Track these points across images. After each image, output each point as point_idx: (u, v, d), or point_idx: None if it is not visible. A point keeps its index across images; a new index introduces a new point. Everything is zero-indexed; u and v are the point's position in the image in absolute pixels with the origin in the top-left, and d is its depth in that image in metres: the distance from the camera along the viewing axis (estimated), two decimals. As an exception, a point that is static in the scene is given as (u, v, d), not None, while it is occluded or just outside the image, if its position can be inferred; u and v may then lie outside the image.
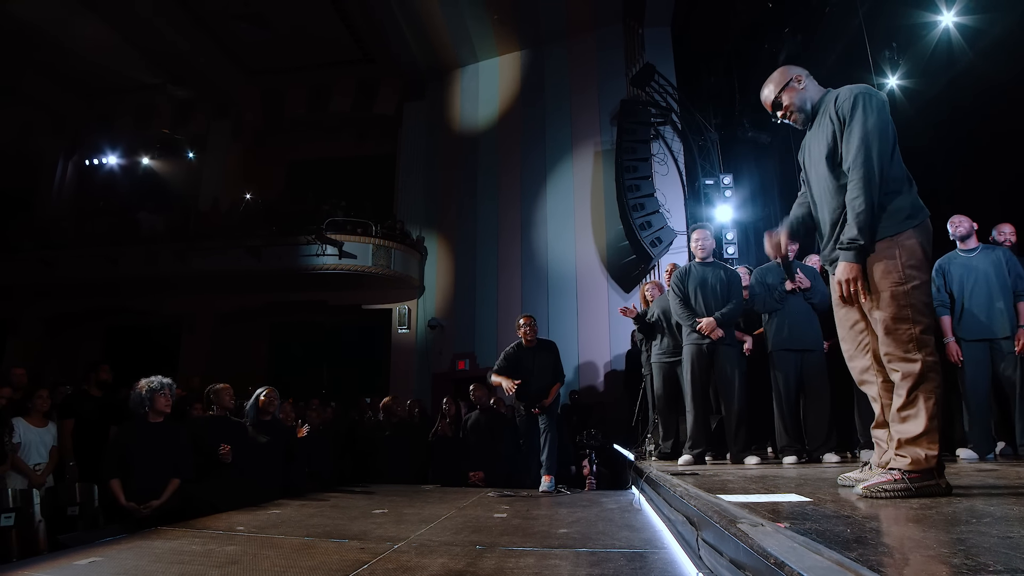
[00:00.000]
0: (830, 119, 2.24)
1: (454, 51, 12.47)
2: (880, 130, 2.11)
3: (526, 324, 5.20)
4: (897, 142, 2.19)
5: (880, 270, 2.09)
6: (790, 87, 2.41)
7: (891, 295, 2.06)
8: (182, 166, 13.80)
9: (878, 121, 2.12)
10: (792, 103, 2.41)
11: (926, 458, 1.99)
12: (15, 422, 4.54)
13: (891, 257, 2.07)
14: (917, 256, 2.07)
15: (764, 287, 4.45)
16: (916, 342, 2.03)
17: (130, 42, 12.34)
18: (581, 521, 3.21)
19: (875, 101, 2.16)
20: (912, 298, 2.04)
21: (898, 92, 6.45)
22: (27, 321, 12.41)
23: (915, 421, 2.02)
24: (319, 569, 2.19)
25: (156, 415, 3.95)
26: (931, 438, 1.99)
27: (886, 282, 2.07)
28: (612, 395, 9.76)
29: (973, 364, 4.05)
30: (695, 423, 4.23)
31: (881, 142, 2.09)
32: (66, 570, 2.29)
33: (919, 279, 2.05)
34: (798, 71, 2.44)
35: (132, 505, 3.57)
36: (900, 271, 2.05)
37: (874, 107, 2.13)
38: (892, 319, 2.06)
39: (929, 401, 2.00)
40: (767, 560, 1.17)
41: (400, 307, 11.69)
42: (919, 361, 2.02)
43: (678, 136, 10.68)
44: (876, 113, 2.13)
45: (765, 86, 2.47)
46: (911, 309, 2.04)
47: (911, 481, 1.97)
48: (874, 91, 2.21)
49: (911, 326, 2.03)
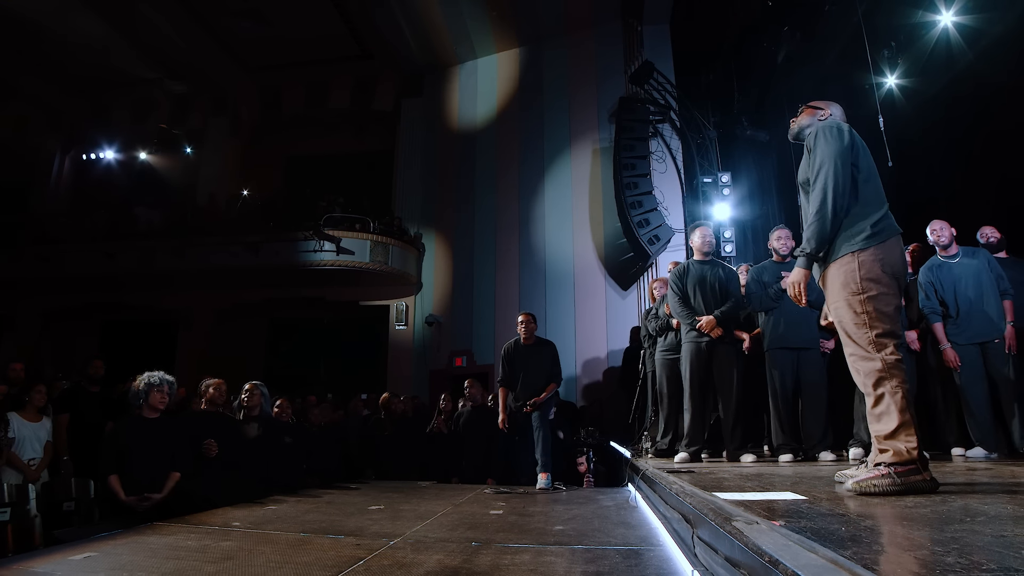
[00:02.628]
0: (806, 149, 2.50)
1: (452, 48, 12.44)
2: (836, 156, 2.34)
3: (524, 321, 5.26)
4: (873, 168, 2.40)
5: (840, 281, 2.31)
6: (812, 111, 2.66)
7: (848, 303, 2.27)
8: (179, 161, 13.76)
9: (835, 150, 2.35)
10: (799, 123, 2.68)
11: (907, 450, 2.08)
12: (9, 416, 4.53)
13: (851, 270, 2.28)
14: (875, 271, 2.25)
15: (760, 285, 4.45)
16: (874, 344, 2.21)
17: (128, 37, 12.28)
18: (577, 518, 3.22)
19: (834, 132, 2.39)
20: (868, 306, 2.23)
21: (897, 91, 6.45)
22: (23, 316, 12.37)
23: (887, 418, 2.14)
24: (315, 565, 2.19)
25: (151, 411, 3.94)
26: (907, 431, 2.10)
27: (845, 292, 2.29)
28: (609, 392, 9.77)
29: (968, 367, 4.08)
30: (692, 421, 4.24)
31: (836, 167, 2.33)
32: (61, 565, 2.29)
33: (876, 290, 2.24)
34: (836, 110, 2.64)
35: (133, 500, 3.57)
36: (857, 282, 2.26)
37: (832, 137, 2.38)
38: (851, 323, 2.26)
39: (896, 395, 2.13)
40: (762, 558, 1.18)
41: (398, 303, 11.68)
42: (879, 359, 2.18)
43: (676, 134, 10.66)
44: (835, 142, 2.36)
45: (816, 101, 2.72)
46: (867, 316, 2.23)
47: (897, 475, 2.06)
48: (835, 125, 2.43)
49: (868, 330, 2.22)
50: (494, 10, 11.42)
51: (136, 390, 3.94)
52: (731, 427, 4.21)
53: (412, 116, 13.05)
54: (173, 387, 4.11)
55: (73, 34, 11.94)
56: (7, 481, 3.99)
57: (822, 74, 7.67)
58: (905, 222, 2.40)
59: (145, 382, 3.95)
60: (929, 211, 4.52)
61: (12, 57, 12.22)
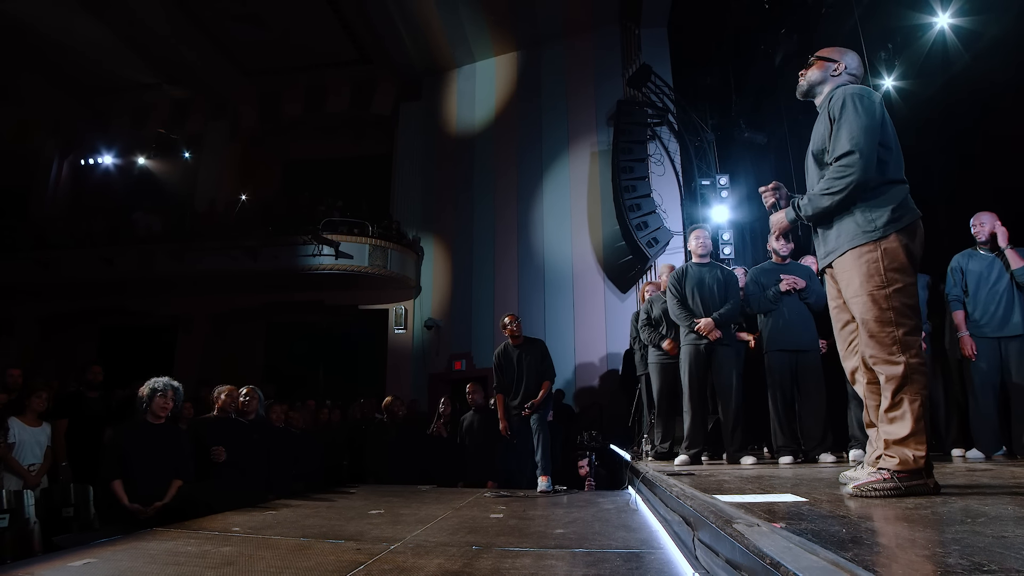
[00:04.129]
0: (828, 116, 2.26)
1: (451, 51, 12.45)
2: (867, 134, 2.12)
3: (509, 323, 5.29)
4: (896, 143, 2.20)
5: (862, 274, 2.12)
6: (823, 63, 2.41)
7: (872, 299, 2.09)
8: (178, 166, 13.74)
9: (867, 126, 2.13)
10: (808, 77, 2.43)
11: (914, 459, 2.01)
12: (9, 422, 4.52)
13: (873, 261, 2.10)
14: (900, 259, 2.08)
15: (758, 287, 4.45)
16: (900, 344, 2.05)
17: (127, 42, 12.29)
18: (577, 521, 3.21)
19: (865, 103, 2.16)
20: (894, 301, 2.06)
21: (893, 93, 6.47)
22: (22, 321, 12.34)
23: (901, 423, 2.04)
24: (315, 570, 2.18)
25: (155, 417, 3.93)
26: (918, 439, 2.01)
27: (868, 286, 2.10)
28: (608, 395, 9.76)
29: (985, 359, 4.02)
30: (692, 423, 4.24)
31: (866, 150, 2.10)
32: (60, 572, 2.28)
33: (901, 282, 2.07)
34: (850, 60, 2.40)
35: (137, 507, 3.56)
36: (882, 274, 2.08)
37: (864, 111, 2.14)
38: (875, 322, 2.09)
39: (915, 403, 2.02)
40: (763, 560, 1.18)
41: (396, 307, 11.68)
42: (903, 363, 2.04)
43: (674, 136, 10.69)
44: (866, 117, 2.14)
45: (826, 49, 2.47)
46: (893, 312, 2.06)
47: (900, 480, 2.00)
48: (866, 94, 2.20)
49: (894, 328, 2.06)
50: (492, 14, 11.44)
51: (141, 397, 3.93)
52: (731, 429, 4.21)
53: (410, 120, 13.06)
54: (179, 393, 4.09)
55: (72, 39, 11.95)
56: (6, 487, 3.98)
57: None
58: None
59: (150, 388, 3.94)
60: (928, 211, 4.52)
61: (11, 61, 12.22)
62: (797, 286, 4.32)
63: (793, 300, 4.35)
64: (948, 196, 5.61)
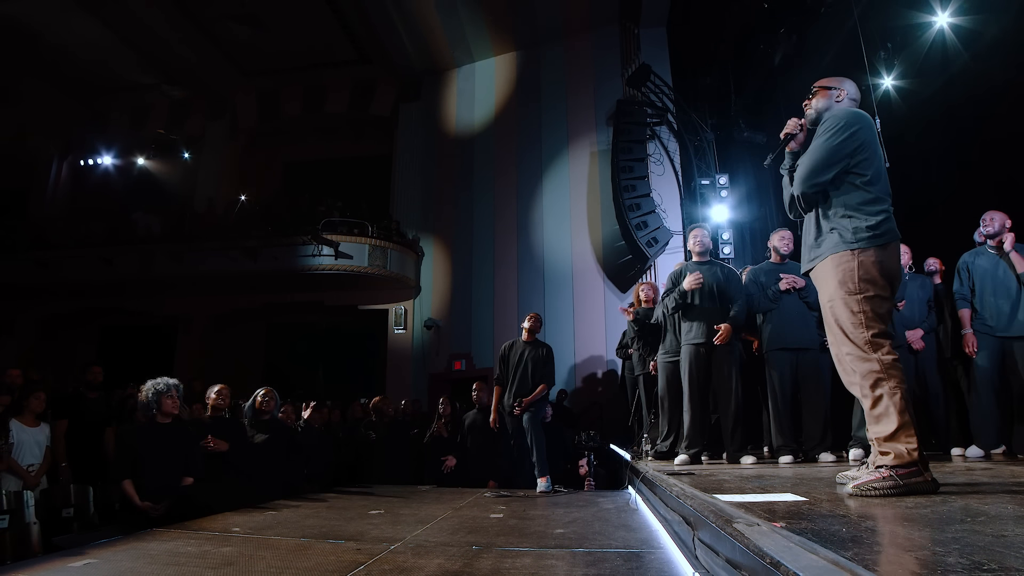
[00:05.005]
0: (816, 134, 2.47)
1: (450, 52, 12.46)
2: (829, 153, 2.35)
3: (533, 318, 5.34)
4: (882, 168, 2.39)
5: (837, 278, 2.31)
6: (826, 91, 2.62)
7: (844, 301, 2.28)
8: (177, 166, 13.75)
9: (834, 148, 2.35)
10: (815, 106, 2.63)
11: (907, 451, 2.07)
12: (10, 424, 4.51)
13: (849, 269, 2.28)
14: (872, 272, 2.26)
15: (758, 287, 4.45)
16: (870, 344, 2.20)
17: (126, 42, 12.29)
18: (577, 521, 3.21)
19: (842, 130, 2.36)
20: (864, 305, 2.24)
21: (893, 92, 6.47)
22: (21, 322, 12.34)
23: (887, 419, 2.12)
24: (315, 570, 2.18)
25: (164, 416, 3.93)
26: (907, 432, 2.09)
27: (842, 290, 2.29)
28: (608, 394, 9.76)
29: (986, 356, 4.04)
30: (692, 423, 4.23)
31: (826, 157, 2.35)
32: (60, 572, 2.28)
33: (872, 291, 2.25)
34: (850, 87, 2.62)
35: (148, 505, 3.56)
36: (855, 282, 2.26)
37: (838, 134, 2.36)
38: (848, 322, 2.26)
39: (894, 397, 2.12)
40: (763, 560, 1.18)
41: (396, 307, 11.68)
42: (875, 359, 2.17)
43: (674, 136, 10.69)
44: (838, 141, 2.35)
45: (825, 79, 2.69)
46: (863, 315, 2.23)
47: (899, 477, 2.04)
48: (851, 124, 2.36)
49: (864, 330, 2.22)
50: (491, 14, 11.44)
51: (146, 400, 3.92)
52: (731, 429, 4.20)
53: (410, 120, 13.07)
54: (181, 390, 4.11)
55: (71, 39, 11.95)
56: (6, 488, 3.97)
57: (819, 76, 7.67)
58: (902, 223, 2.39)
59: (153, 390, 3.93)
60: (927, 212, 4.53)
61: (11, 62, 12.22)
62: (796, 285, 4.32)
63: (792, 299, 4.34)
64: (949, 195, 5.62)
